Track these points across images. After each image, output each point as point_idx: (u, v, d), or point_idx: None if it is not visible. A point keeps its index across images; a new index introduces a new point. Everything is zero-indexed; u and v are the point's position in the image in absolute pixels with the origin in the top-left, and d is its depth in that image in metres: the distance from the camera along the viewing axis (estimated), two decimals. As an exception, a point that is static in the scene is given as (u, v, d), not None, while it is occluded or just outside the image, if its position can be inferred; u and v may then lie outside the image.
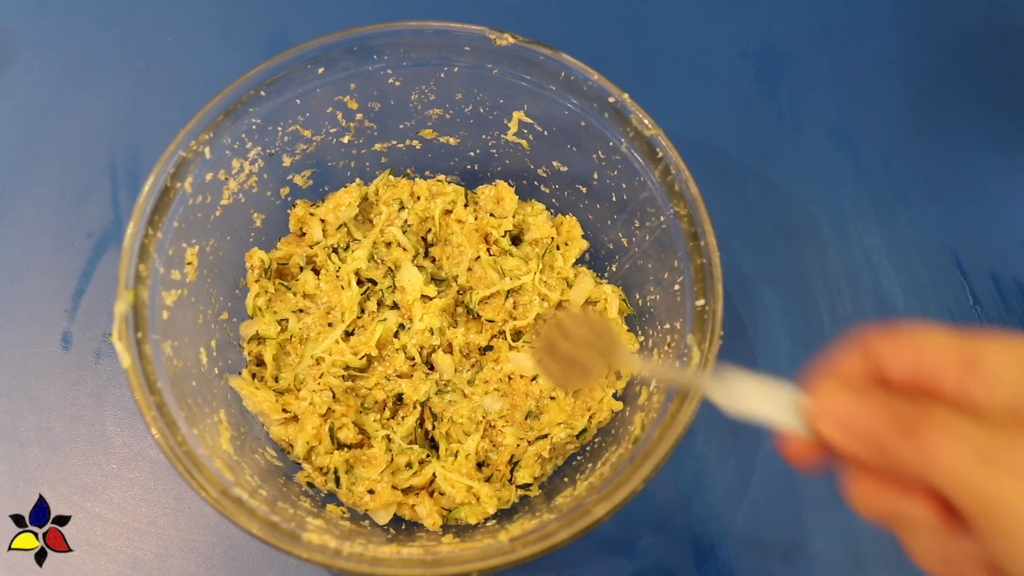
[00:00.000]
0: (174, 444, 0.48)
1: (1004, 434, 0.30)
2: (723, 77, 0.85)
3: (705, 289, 0.53)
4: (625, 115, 0.58)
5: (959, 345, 0.32)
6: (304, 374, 0.63)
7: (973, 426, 0.30)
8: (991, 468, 0.29)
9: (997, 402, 0.31)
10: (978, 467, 0.30)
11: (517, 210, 0.70)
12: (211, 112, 0.57)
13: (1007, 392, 0.31)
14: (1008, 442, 0.30)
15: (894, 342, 0.34)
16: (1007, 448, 0.29)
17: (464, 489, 0.60)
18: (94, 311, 0.70)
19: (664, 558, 0.63)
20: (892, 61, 0.87)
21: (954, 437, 0.30)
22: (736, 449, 0.67)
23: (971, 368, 0.32)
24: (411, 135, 0.68)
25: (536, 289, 0.67)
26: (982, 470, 0.29)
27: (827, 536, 0.64)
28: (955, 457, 0.30)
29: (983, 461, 0.29)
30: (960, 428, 0.30)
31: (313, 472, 0.60)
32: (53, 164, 0.76)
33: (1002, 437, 0.30)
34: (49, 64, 0.81)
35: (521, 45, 0.59)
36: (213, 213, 0.60)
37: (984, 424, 0.31)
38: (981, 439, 0.30)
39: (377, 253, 0.68)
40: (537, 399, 0.64)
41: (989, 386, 0.31)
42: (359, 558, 0.47)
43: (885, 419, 0.32)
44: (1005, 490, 0.29)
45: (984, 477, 0.29)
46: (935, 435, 0.31)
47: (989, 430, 0.30)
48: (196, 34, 0.84)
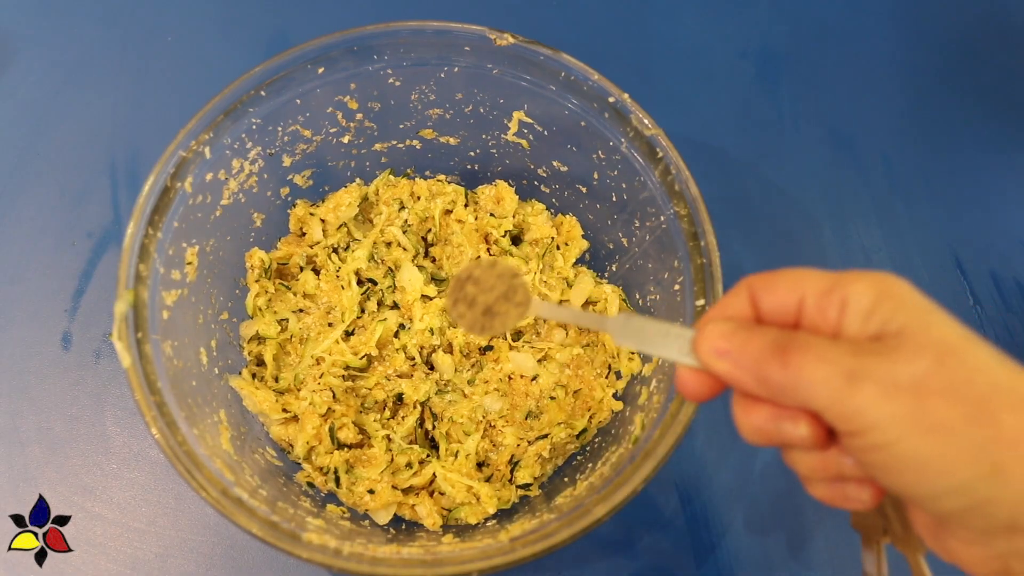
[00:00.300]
0: (174, 444, 0.48)
1: (866, 353, 0.32)
2: (723, 77, 0.85)
3: (705, 289, 0.53)
4: (625, 115, 0.58)
5: (828, 282, 0.34)
6: (304, 374, 0.63)
7: (838, 348, 0.33)
8: (854, 385, 0.31)
9: (859, 328, 0.33)
10: (843, 385, 0.32)
11: (517, 210, 0.70)
12: (211, 112, 0.57)
13: (868, 318, 0.33)
14: (869, 360, 0.32)
15: (773, 283, 0.36)
16: (868, 365, 0.31)
17: (464, 489, 0.60)
18: (94, 311, 0.70)
19: (664, 558, 0.63)
20: (892, 61, 0.87)
21: (820, 359, 0.32)
22: (736, 449, 0.67)
23: (838, 301, 0.34)
24: (411, 135, 0.68)
25: (536, 289, 0.67)
26: (847, 388, 0.32)
27: (827, 536, 0.64)
28: (822, 377, 0.32)
29: (847, 380, 0.32)
30: (826, 350, 0.33)
31: (313, 472, 0.60)
32: (53, 164, 0.76)
33: (864, 356, 0.32)
34: (49, 64, 0.81)
35: (521, 45, 0.59)
36: (213, 213, 0.60)
37: (847, 345, 0.33)
38: (845, 359, 0.32)
39: (377, 253, 0.68)
40: (537, 399, 0.64)
41: (853, 315, 0.33)
42: (359, 558, 0.47)
43: (760, 346, 0.34)
44: (869, 404, 0.31)
45: (849, 394, 0.31)
46: (804, 358, 0.33)
47: (853, 351, 0.32)
48: (196, 34, 0.84)
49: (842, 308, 0.34)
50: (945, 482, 0.31)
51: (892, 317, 0.32)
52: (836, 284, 0.34)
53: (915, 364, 0.31)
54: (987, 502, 0.31)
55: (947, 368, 0.31)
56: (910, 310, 0.33)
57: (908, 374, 0.31)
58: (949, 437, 0.30)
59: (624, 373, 0.65)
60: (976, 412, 0.30)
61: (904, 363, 0.31)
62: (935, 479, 0.31)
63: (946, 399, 0.30)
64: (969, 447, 0.30)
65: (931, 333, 0.32)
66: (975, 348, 0.32)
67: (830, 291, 0.34)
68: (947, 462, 0.30)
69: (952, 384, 0.31)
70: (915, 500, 0.33)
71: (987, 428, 0.30)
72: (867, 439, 0.32)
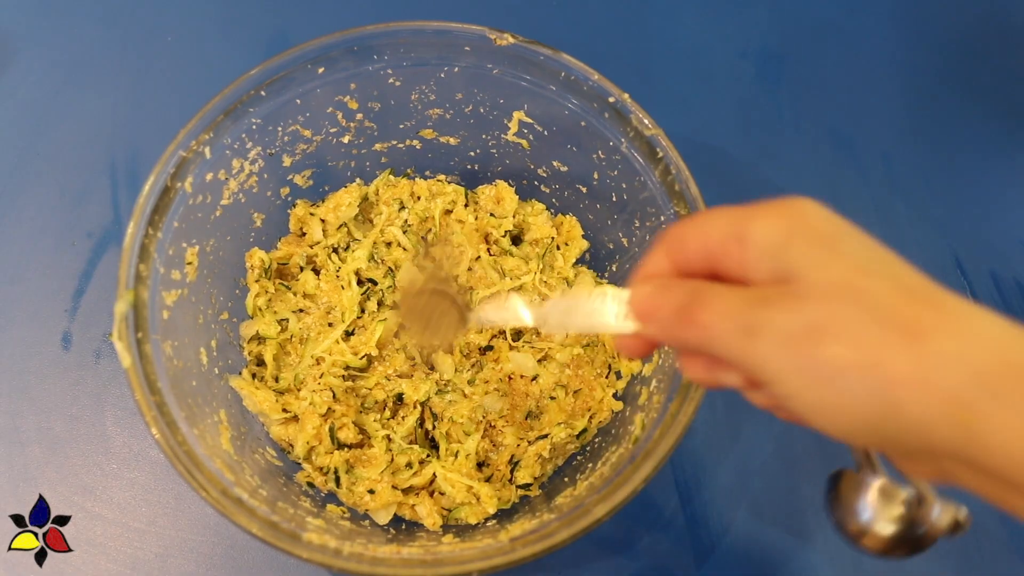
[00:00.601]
0: (174, 444, 0.48)
1: (762, 302, 0.31)
2: (723, 77, 0.85)
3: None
4: (625, 115, 0.58)
5: (732, 223, 0.33)
6: (304, 374, 0.63)
7: (737, 299, 0.32)
8: (752, 339, 0.31)
9: (763, 270, 0.32)
10: (741, 338, 0.31)
11: (517, 210, 0.70)
12: (211, 112, 0.57)
13: (769, 259, 0.32)
14: (764, 310, 0.31)
15: (683, 233, 0.36)
16: (763, 316, 0.31)
17: (464, 489, 0.60)
18: (94, 311, 0.70)
19: (664, 558, 0.63)
20: (892, 61, 0.87)
21: (718, 314, 0.32)
22: (736, 449, 0.67)
23: (741, 243, 0.33)
24: (411, 135, 0.68)
25: (536, 289, 0.67)
26: (744, 341, 0.31)
27: (827, 536, 0.64)
28: (722, 332, 0.32)
29: (744, 333, 0.31)
30: (723, 304, 0.32)
31: (313, 472, 0.60)
32: (53, 164, 0.76)
33: (759, 305, 0.31)
34: (49, 64, 0.81)
35: (521, 45, 0.59)
36: (213, 213, 0.60)
37: (747, 295, 0.32)
38: (741, 311, 0.32)
39: (377, 253, 0.68)
40: (537, 399, 0.64)
41: (755, 257, 0.32)
42: (359, 558, 0.47)
43: (668, 308, 0.34)
44: (766, 358, 0.31)
45: (749, 349, 0.31)
46: (704, 315, 0.33)
47: (749, 301, 0.32)
48: (196, 34, 0.84)
49: (743, 249, 0.33)
50: (850, 425, 0.30)
51: (789, 256, 0.31)
52: (738, 223, 0.33)
53: (806, 310, 0.30)
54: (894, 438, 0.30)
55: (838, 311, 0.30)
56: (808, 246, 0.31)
57: (800, 322, 0.30)
58: (843, 384, 0.29)
59: (624, 373, 0.65)
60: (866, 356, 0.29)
61: (795, 311, 0.30)
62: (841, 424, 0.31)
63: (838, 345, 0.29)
64: (863, 392, 0.29)
65: (827, 272, 0.31)
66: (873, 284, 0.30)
67: (733, 233, 0.33)
68: (847, 409, 0.30)
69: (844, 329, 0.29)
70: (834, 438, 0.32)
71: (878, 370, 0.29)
72: (773, 390, 0.32)
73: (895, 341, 0.29)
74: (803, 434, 0.68)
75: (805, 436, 0.68)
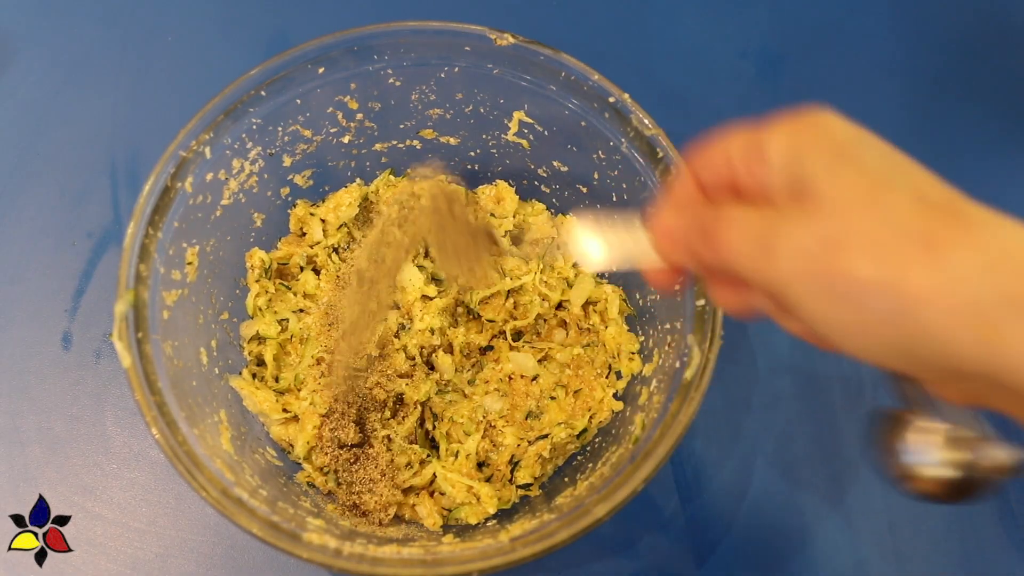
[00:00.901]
0: (174, 444, 0.48)
1: (778, 218, 0.30)
2: (723, 77, 0.85)
3: (705, 289, 0.53)
4: (625, 115, 0.58)
5: (750, 140, 0.33)
6: (304, 374, 0.63)
7: (754, 217, 0.31)
8: (768, 255, 0.30)
9: (779, 184, 0.31)
10: (760, 256, 0.30)
11: (517, 210, 0.70)
12: (211, 112, 0.57)
13: (785, 172, 0.31)
14: (780, 226, 0.30)
15: (705, 153, 0.35)
16: (779, 232, 0.30)
17: (464, 489, 0.60)
18: (94, 311, 0.70)
19: (664, 558, 0.63)
20: (892, 61, 0.87)
21: (737, 232, 0.31)
22: (736, 449, 0.67)
23: (759, 157, 0.32)
24: (411, 135, 0.68)
25: (536, 289, 0.67)
26: (763, 258, 0.30)
27: (827, 536, 0.64)
28: (741, 250, 0.31)
29: (762, 251, 0.30)
30: (741, 222, 0.31)
31: (313, 472, 0.60)
32: (53, 164, 0.76)
33: (776, 221, 0.30)
34: (49, 64, 0.81)
35: (521, 45, 0.59)
36: (213, 213, 0.60)
37: (764, 211, 0.31)
38: (758, 228, 0.31)
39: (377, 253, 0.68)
40: (537, 399, 0.64)
41: (771, 172, 0.31)
42: (359, 558, 0.47)
43: (691, 229, 0.34)
44: (782, 274, 0.30)
45: (766, 265, 0.30)
46: (723, 234, 0.32)
47: (766, 217, 0.31)
48: (196, 34, 0.84)
49: (762, 165, 0.32)
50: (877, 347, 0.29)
51: (804, 168, 0.30)
52: (756, 139, 0.32)
53: (821, 224, 0.29)
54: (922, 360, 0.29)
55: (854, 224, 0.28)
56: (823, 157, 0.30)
57: (815, 236, 0.29)
58: (864, 302, 0.28)
59: (624, 373, 0.65)
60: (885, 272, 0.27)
61: (810, 224, 0.29)
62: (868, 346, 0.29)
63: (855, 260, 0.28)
64: (885, 310, 0.28)
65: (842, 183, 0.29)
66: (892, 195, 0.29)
67: (752, 148, 0.32)
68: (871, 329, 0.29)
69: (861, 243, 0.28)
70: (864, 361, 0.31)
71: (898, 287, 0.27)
72: (798, 313, 0.30)
73: (916, 255, 0.27)
74: (803, 434, 0.68)
75: (805, 436, 0.68)
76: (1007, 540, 0.65)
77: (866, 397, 0.69)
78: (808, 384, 0.70)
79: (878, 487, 0.66)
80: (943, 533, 0.65)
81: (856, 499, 0.66)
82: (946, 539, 0.65)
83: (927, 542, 0.64)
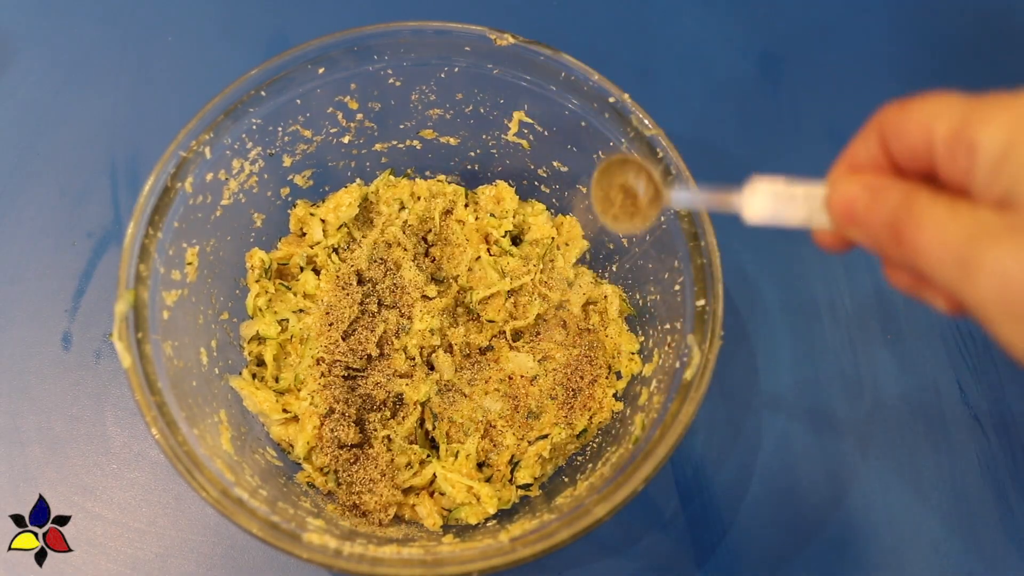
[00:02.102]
0: (174, 444, 0.48)
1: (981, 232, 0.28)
2: (723, 77, 0.85)
3: (705, 289, 0.53)
4: (625, 115, 0.58)
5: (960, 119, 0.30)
6: (304, 374, 0.63)
7: (955, 227, 0.29)
8: (967, 273, 0.28)
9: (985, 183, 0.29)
10: (956, 271, 0.29)
11: (517, 210, 0.70)
12: (211, 112, 0.57)
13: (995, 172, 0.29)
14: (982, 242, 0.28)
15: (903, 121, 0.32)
16: (983, 250, 0.28)
17: (464, 489, 0.60)
18: (94, 311, 0.70)
19: (664, 558, 0.63)
20: (892, 61, 0.87)
21: (934, 240, 0.29)
22: (736, 449, 0.67)
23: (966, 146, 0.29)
24: (411, 135, 0.68)
25: (536, 289, 0.67)
26: (960, 275, 0.29)
27: (827, 536, 0.64)
28: (935, 260, 0.29)
29: (960, 267, 0.28)
30: (939, 230, 0.29)
31: (313, 472, 0.60)
32: (53, 164, 0.76)
33: (978, 235, 0.28)
34: (49, 64, 0.81)
35: (521, 45, 0.59)
36: (213, 213, 0.60)
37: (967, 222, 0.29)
38: (957, 240, 0.29)
39: (377, 253, 0.68)
40: (537, 399, 0.64)
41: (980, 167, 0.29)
42: (359, 558, 0.47)
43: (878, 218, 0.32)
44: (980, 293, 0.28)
45: (962, 282, 0.29)
46: (916, 236, 0.30)
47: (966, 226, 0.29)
48: (196, 34, 0.84)
49: (970, 156, 0.29)
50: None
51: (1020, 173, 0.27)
52: (966, 123, 0.29)
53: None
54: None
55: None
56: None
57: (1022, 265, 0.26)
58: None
59: (624, 373, 0.65)
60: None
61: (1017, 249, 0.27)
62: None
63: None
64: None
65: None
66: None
67: (960, 132, 0.29)
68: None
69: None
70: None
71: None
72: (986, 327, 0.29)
73: None
74: (803, 434, 0.68)
75: (805, 436, 0.68)
76: (1007, 540, 0.65)
77: (866, 397, 0.69)
78: (808, 384, 0.70)
79: (878, 487, 0.66)
80: (943, 533, 0.65)
81: (856, 499, 0.66)
82: (946, 539, 0.65)
83: (927, 542, 0.64)
